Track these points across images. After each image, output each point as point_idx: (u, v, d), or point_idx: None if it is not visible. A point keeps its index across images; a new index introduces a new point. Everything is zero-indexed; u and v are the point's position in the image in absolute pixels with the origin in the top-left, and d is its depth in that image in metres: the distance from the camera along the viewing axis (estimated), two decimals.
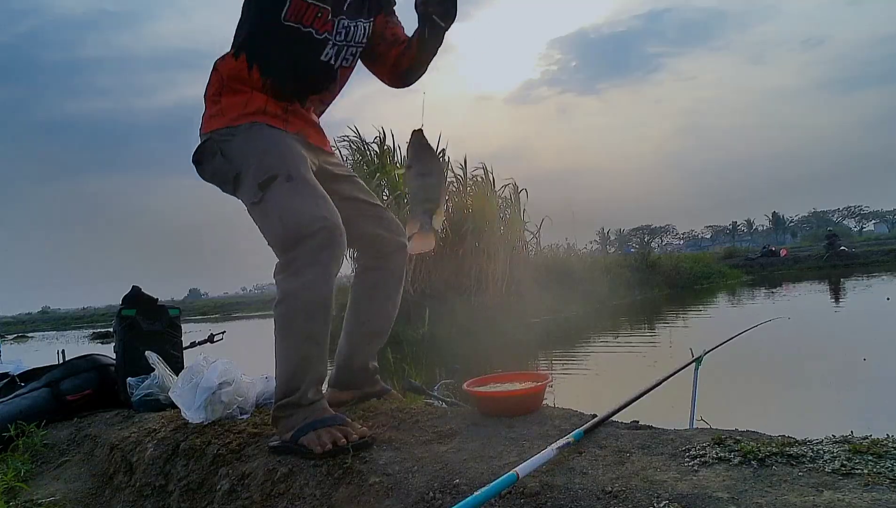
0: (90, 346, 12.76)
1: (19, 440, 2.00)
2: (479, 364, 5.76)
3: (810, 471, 0.93)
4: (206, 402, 1.60)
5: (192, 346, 2.72)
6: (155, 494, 1.52)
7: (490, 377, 1.54)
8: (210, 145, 1.50)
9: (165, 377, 2.00)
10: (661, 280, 14.70)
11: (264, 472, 1.32)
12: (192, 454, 1.51)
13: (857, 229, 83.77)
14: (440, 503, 1.04)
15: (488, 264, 9.18)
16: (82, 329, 24.93)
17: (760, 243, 46.38)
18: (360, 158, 9.60)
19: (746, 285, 15.80)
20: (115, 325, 2.26)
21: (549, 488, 0.99)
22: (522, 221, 10.54)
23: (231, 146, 1.46)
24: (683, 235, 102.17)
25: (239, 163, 1.44)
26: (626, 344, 6.99)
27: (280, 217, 1.35)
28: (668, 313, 10.34)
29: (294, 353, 1.35)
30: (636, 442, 1.15)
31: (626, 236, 73.29)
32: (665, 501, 0.89)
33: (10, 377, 2.44)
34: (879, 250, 20.96)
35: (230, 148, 1.46)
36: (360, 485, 1.17)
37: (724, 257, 22.15)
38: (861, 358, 4.44)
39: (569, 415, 1.36)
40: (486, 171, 10.10)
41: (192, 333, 3.20)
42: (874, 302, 9.02)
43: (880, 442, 0.99)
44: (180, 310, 2.41)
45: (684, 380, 1.63)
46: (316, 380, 1.37)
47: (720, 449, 1.04)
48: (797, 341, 5.55)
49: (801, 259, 20.87)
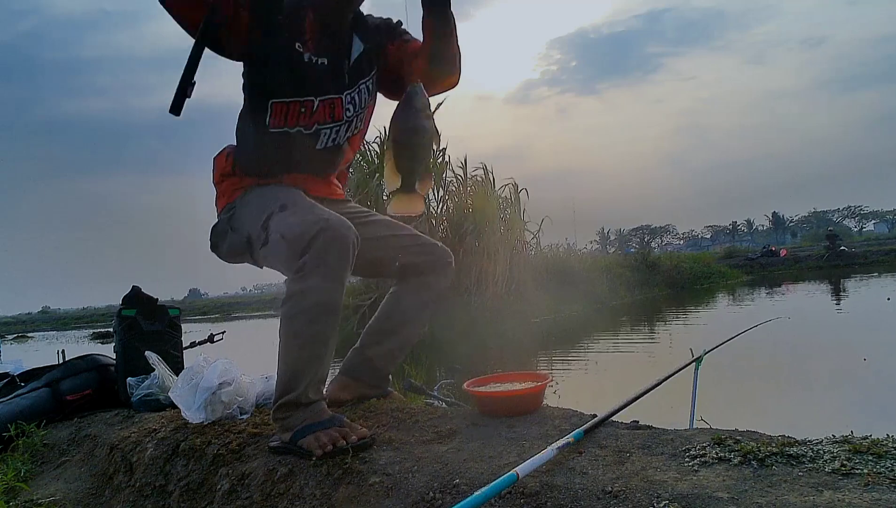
0: (90, 346, 12.76)
1: (19, 440, 2.00)
2: (479, 364, 5.77)
3: (810, 471, 0.93)
4: (206, 402, 1.59)
5: (192, 346, 2.72)
6: (155, 494, 1.52)
7: (490, 377, 1.54)
8: (220, 226, 1.56)
9: (165, 377, 2.00)
10: (661, 280, 14.71)
11: (264, 472, 1.32)
12: (192, 454, 1.51)
13: (857, 229, 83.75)
14: (440, 503, 1.04)
15: (488, 264, 9.18)
16: (82, 329, 24.94)
17: (760, 243, 46.41)
18: (359, 158, 9.60)
19: (746, 285, 15.80)
20: (115, 325, 2.26)
21: (549, 488, 0.99)
22: (522, 221, 10.54)
23: (236, 218, 1.51)
24: (683, 235, 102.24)
25: (245, 227, 1.47)
26: (626, 344, 6.99)
27: (283, 236, 1.35)
28: (668, 313, 10.34)
29: (296, 352, 1.34)
30: (636, 442, 1.15)
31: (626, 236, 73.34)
32: (665, 501, 0.89)
33: (10, 377, 2.44)
34: (879, 250, 20.97)
35: (236, 220, 1.51)
36: (360, 485, 1.17)
37: (724, 257, 22.18)
38: (861, 358, 4.44)
39: (569, 415, 1.36)
40: (486, 170, 10.11)
41: (192, 333, 3.20)
42: (874, 302, 9.02)
43: (880, 442, 0.99)
44: (180, 310, 2.41)
45: (684, 380, 1.63)
46: (317, 380, 1.36)
47: (720, 449, 1.04)
48: (797, 341, 5.55)
49: (801, 259, 20.89)
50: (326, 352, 1.35)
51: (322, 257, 1.29)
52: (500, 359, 6.20)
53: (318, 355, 1.34)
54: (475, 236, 9.31)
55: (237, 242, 1.50)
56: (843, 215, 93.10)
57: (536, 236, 10.98)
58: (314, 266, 1.29)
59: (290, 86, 1.43)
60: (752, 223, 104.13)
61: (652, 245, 64.42)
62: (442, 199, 9.83)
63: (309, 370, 1.34)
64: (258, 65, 1.43)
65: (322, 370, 1.37)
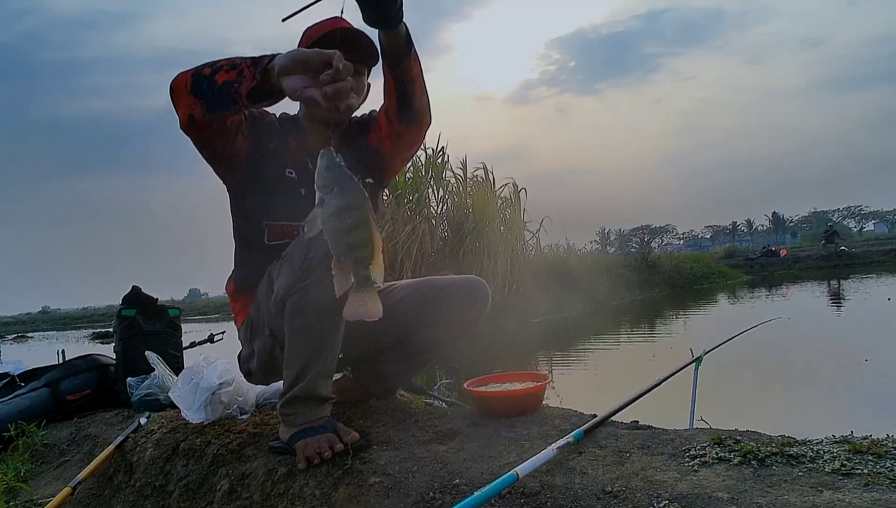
0: (90, 346, 12.76)
1: (19, 440, 2.00)
2: (479, 364, 5.76)
3: (810, 471, 0.93)
4: (206, 402, 1.60)
5: (192, 346, 2.73)
6: (155, 494, 1.52)
7: (490, 377, 1.54)
8: (243, 353, 1.53)
9: (165, 377, 2.00)
10: (661, 280, 14.71)
11: (264, 472, 1.32)
12: (192, 454, 1.51)
13: (857, 229, 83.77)
14: (440, 503, 1.04)
15: (489, 263, 9.18)
16: (82, 329, 24.93)
17: (760, 243, 46.41)
18: None
19: (746, 285, 15.80)
20: (115, 325, 2.27)
21: (549, 488, 0.99)
22: (522, 221, 10.54)
23: (253, 321, 1.48)
24: (683, 235, 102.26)
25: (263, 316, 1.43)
26: (626, 344, 6.99)
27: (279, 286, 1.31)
28: (668, 313, 10.34)
29: (303, 348, 1.30)
30: (636, 442, 1.15)
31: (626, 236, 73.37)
32: (665, 501, 0.89)
33: (10, 377, 2.44)
34: (879, 250, 20.96)
35: (254, 322, 1.47)
36: (360, 485, 1.17)
37: (724, 257, 22.18)
38: (860, 358, 4.44)
39: (569, 415, 1.36)
40: (486, 170, 10.11)
41: (192, 333, 3.20)
42: (874, 302, 9.01)
43: (880, 442, 0.99)
44: (180, 310, 2.41)
45: (684, 380, 1.64)
46: (324, 373, 1.32)
47: (720, 449, 1.04)
48: (797, 341, 5.55)
49: (801, 259, 20.89)
50: (332, 350, 1.32)
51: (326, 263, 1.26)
52: (500, 359, 6.20)
53: (325, 349, 1.31)
54: (475, 236, 9.31)
55: (265, 346, 1.43)
56: (843, 215, 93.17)
57: (536, 236, 10.99)
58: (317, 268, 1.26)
59: (284, 211, 1.45)
60: (752, 223, 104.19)
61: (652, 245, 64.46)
62: (442, 199, 9.84)
63: (316, 365, 1.30)
64: (252, 190, 1.46)
65: (329, 363, 1.33)
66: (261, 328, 1.44)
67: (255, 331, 1.46)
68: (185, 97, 1.21)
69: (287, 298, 1.28)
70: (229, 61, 1.17)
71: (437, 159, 9.82)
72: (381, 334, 1.52)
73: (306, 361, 1.30)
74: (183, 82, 1.21)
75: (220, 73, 1.16)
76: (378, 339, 1.55)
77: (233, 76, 1.14)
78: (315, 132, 1.52)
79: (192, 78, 1.20)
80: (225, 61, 1.17)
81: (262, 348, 1.44)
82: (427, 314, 1.54)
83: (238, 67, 1.14)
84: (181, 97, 1.22)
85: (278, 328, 1.34)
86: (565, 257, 12.58)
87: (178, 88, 1.22)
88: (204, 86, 1.18)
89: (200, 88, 1.19)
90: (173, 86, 1.22)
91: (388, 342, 1.58)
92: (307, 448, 1.27)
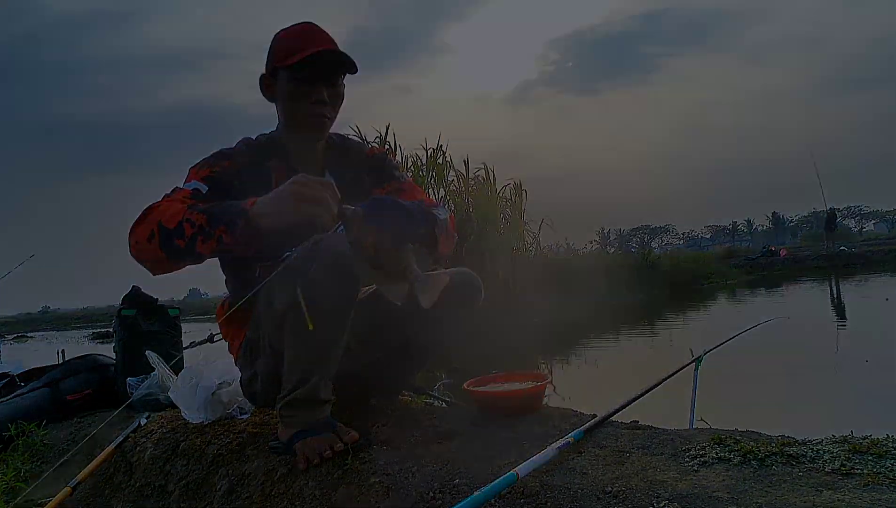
0: (90, 346, 12.75)
1: (19, 440, 2.00)
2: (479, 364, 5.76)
3: (810, 471, 0.93)
4: (206, 402, 1.59)
5: (192, 346, 2.73)
6: (155, 494, 1.52)
7: (490, 377, 1.54)
8: (244, 378, 1.49)
9: (165, 377, 2.00)
10: (661, 280, 14.69)
11: (264, 472, 1.32)
12: (192, 454, 1.51)
13: (857, 229, 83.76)
14: (440, 503, 1.04)
15: (490, 264, 9.18)
16: (82, 329, 24.91)
17: (760, 243, 46.37)
18: None
19: (746, 285, 15.80)
20: (114, 325, 2.26)
21: (549, 488, 0.99)
22: (523, 221, 10.54)
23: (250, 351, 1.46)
24: (683, 235, 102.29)
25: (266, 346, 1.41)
26: (626, 344, 6.99)
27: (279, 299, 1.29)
28: (668, 313, 10.34)
29: (305, 355, 1.29)
30: (636, 442, 1.15)
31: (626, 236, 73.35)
32: (665, 501, 0.89)
33: (10, 377, 2.44)
34: (879, 250, 20.94)
35: (250, 353, 1.45)
36: (360, 485, 1.17)
37: (724, 257, 22.13)
38: (860, 358, 4.44)
39: (569, 415, 1.36)
40: (487, 170, 10.11)
41: (192, 333, 3.20)
42: (874, 302, 9.01)
43: (880, 442, 0.99)
44: (180, 310, 2.41)
45: (684, 380, 1.64)
46: (325, 378, 1.31)
47: (720, 449, 1.04)
48: (797, 341, 5.54)
49: (801, 259, 20.86)
50: (336, 349, 1.31)
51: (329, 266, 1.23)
52: (501, 359, 6.20)
53: (327, 356, 1.30)
54: (477, 237, 9.31)
55: (266, 365, 1.40)
56: (843, 215, 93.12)
57: (536, 236, 10.99)
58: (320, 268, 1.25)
59: (274, 249, 1.37)
60: (752, 223, 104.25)
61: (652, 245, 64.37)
62: (443, 199, 9.83)
63: (318, 371, 1.30)
64: None
65: (331, 368, 1.32)
66: (262, 347, 1.41)
67: (256, 351, 1.43)
68: (153, 251, 1.21)
69: (288, 310, 1.26)
70: (201, 229, 1.18)
71: (437, 159, 9.82)
72: (383, 341, 1.52)
73: (308, 367, 1.29)
74: (147, 236, 1.20)
75: (197, 241, 1.18)
76: (379, 346, 1.54)
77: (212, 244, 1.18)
78: (302, 150, 1.47)
79: (159, 235, 1.19)
80: (198, 229, 1.18)
81: (266, 368, 1.41)
82: (423, 314, 1.53)
83: (214, 236, 1.17)
84: (146, 251, 1.22)
85: (280, 344, 1.32)
86: (565, 257, 12.59)
87: (142, 242, 1.21)
88: (173, 247, 1.19)
89: (170, 246, 1.19)
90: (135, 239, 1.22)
91: (392, 347, 1.56)
92: (307, 449, 1.27)
